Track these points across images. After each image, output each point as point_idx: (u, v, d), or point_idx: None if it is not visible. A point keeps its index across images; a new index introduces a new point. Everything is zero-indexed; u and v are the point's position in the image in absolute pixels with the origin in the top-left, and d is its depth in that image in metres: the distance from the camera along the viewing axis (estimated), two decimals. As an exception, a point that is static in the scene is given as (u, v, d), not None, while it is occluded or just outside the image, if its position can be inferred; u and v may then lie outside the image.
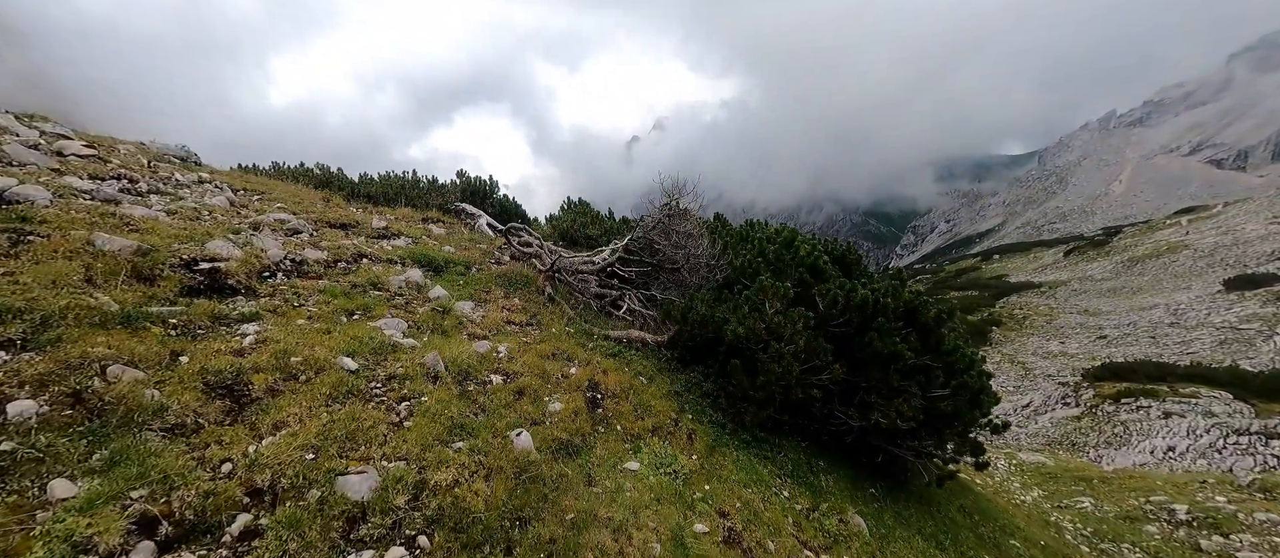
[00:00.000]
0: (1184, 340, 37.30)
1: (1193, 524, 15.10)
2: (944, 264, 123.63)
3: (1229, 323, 38.13)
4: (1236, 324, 37.52)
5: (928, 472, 6.49)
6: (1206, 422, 24.41)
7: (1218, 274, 51.12)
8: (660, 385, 6.48)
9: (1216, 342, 35.92)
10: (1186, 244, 64.68)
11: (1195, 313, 42.19)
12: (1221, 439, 23.70)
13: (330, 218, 8.54)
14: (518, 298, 8.02)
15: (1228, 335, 36.31)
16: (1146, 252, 67.52)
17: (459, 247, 9.77)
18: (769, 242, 7.51)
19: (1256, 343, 34.11)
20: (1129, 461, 23.77)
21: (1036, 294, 63.04)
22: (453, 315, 5.95)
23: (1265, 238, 59.20)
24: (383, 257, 7.33)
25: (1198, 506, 15.97)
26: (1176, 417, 24.84)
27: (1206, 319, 40.14)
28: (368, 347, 3.98)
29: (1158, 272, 59.63)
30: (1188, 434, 24.33)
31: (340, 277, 5.75)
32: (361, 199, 13.50)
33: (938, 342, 6.02)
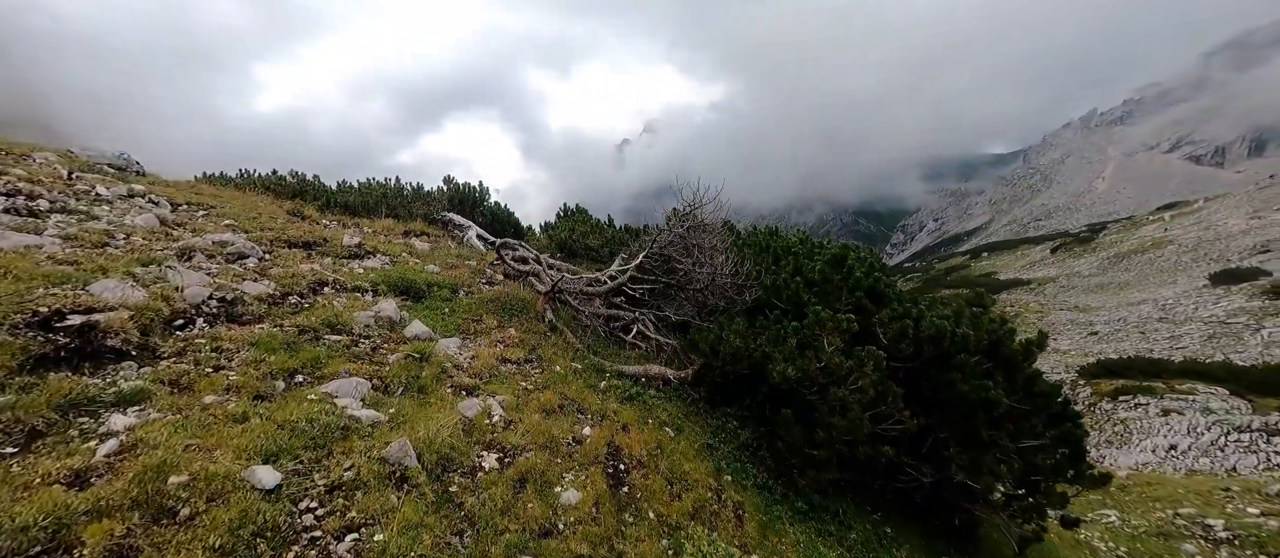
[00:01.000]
0: (1174, 335, 37.23)
1: (1234, 542, 14.12)
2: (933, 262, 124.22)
3: (1217, 317, 38.10)
4: (1224, 319, 37.48)
5: (1010, 535, 5.40)
6: (1206, 419, 23.98)
7: (1202, 269, 51.48)
8: (690, 437, 5.31)
9: (1205, 336, 35.83)
10: (1170, 240, 65.31)
11: (1183, 308, 42.23)
12: (1222, 437, 23.29)
13: (291, 236, 7.27)
14: (514, 327, 6.81)
15: (1216, 330, 36.28)
16: (1131, 247, 68.12)
17: (444, 265, 8.53)
18: (809, 256, 6.38)
19: (1244, 337, 34.09)
20: (1132, 460, 23.31)
21: (1026, 291, 63.24)
22: (434, 361, 4.73)
23: (1247, 232, 59.88)
24: (350, 284, 6.08)
25: (1234, 520, 15.04)
26: (1176, 414, 24.42)
27: (1194, 314, 40.12)
28: (305, 437, 2.77)
29: (1143, 267, 60.10)
30: (1189, 432, 23.88)
31: (287, 318, 4.50)
32: (337, 210, 12.20)
33: (1029, 380, 4.95)
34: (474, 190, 14.58)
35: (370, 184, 14.29)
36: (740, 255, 6.88)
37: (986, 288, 66.12)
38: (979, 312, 5.03)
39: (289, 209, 9.96)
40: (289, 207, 10.22)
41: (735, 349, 5.64)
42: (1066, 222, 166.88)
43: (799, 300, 6.12)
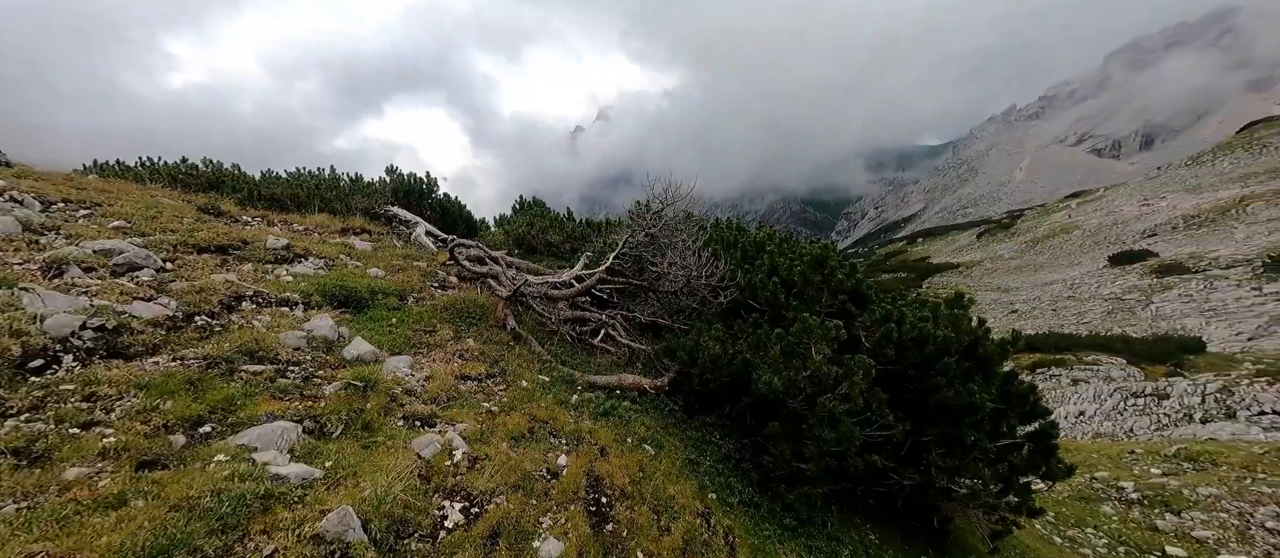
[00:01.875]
0: (1079, 312, 41.50)
1: (1144, 503, 15.52)
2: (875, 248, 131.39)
3: (1115, 295, 42.75)
4: (1120, 295, 42.13)
5: (982, 529, 5.45)
6: (1108, 386, 26.95)
7: (1103, 251, 57.38)
8: (672, 454, 4.96)
9: (1105, 312, 40.25)
10: (1076, 225, 72.28)
11: (1087, 286, 47.06)
12: (1122, 402, 26.26)
13: (202, 239, 6.21)
14: (472, 337, 6.17)
15: (1114, 306, 40.77)
16: (1045, 233, 74.89)
17: (390, 268, 7.67)
18: (783, 254, 6.14)
19: (1137, 311, 38.60)
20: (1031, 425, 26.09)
21: (956, 274, 68.32)
22: (380, 388, 4.07)
23: (1139, 218, 67.10)
24: (276, 296, 5.22)
25: (1141, 482, 16.56)
26: (1083, 383, 27.27)
27: (1097, 292, 44.82)
28: (209, 519, 2.11)
29: (1054, 251, 66.29)
30: (1094, 399, 26.72)
31: (192, 347, 3.70)
32: (262, 204, 10.82)
33: (1005, 380, 4.95)
34: (421, 182, 13.45)
35: (301, 175, 12.85)
36: (714, 254, 6.55)
37: (922, 272, 71.02)
38: (959, 313, 4.97)
39: (201, 205, 8.66)
40: (201, 201, 8.90)
41: (714, 356, 5.32)
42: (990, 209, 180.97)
43: (777, 302, 5.88)
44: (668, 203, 6.55)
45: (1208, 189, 69.26)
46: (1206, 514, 14.14)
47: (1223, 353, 29.03)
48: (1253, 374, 25.82)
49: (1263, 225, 50.82)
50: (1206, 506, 14.58)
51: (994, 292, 54.25)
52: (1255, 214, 53.88)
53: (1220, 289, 38.16)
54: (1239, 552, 12.14)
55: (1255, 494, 14.20)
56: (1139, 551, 13.18)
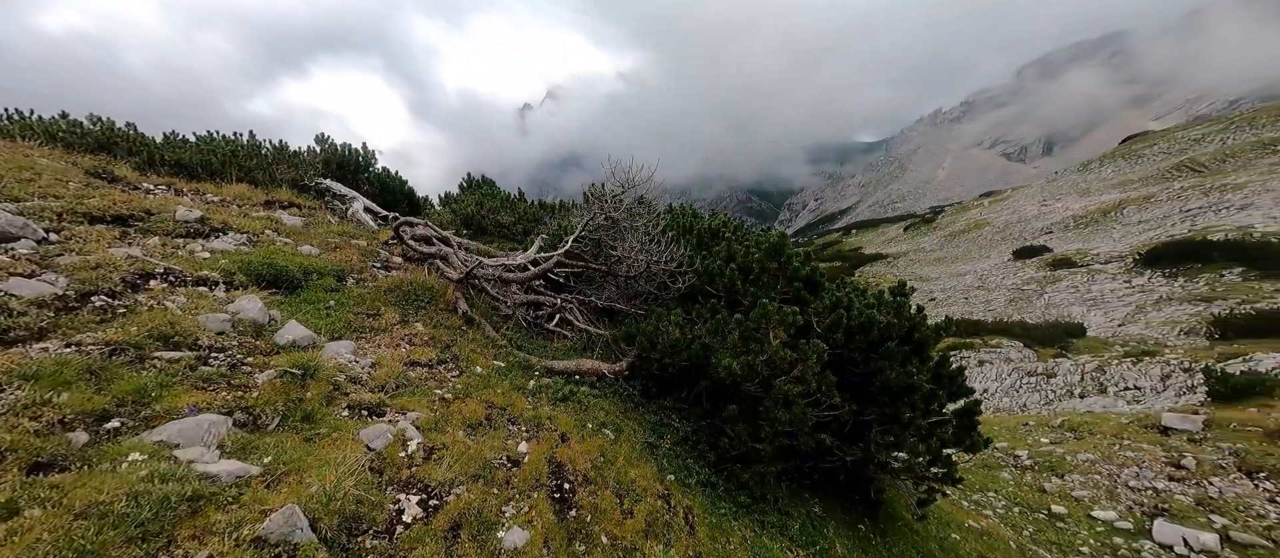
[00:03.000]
0: (987, 300, 46.38)
1: (1035, 468, 17.55)
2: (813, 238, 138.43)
3: (1016, 285, 48.09)
4: (1021, 286, 47.48)
5: (910, 498, 5.95)
6: (1008, 367, 30.54)
7: (1008, 246, 63.99)
8: (632, 438, 4.97)
9: (1008, 300, 45.32)
10: (988, 222, 79.89)
11: (994, 278, 52.54)
12: (1019, 380, 29.86)
13: (94, 207, 5.39)
14: (421, 322, 5.83)
15: (1015, 295, 45.96)
16: (961, 228, 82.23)
17: (325, 245, 7.06)
18: (740, 241, 6.27)
19: (1033, 300, 43.85)
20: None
21: (884, 264, 73.77)
22: (321, 376, 3.75)
23: (1038, 217, 75.13)
24: (191, 274, 4.64)
25: (1034, 450, 18.72)
26: (987, 364, 30.72)
27: (1001, 282, 50.17)
28: (126, 526, 1.83)
29: (969, 244, 73.09)
30: (996, 378, 30.16)
31: (90, 330, 3.21)
32: (166, 170, 9.57)
33: (940, 363, 5.37)
34: (357, 154, 12.44)
35: (214, 139, 11.46)
36: (673, 239, 6.57)
37: (855, 261, 75.93)
38: (902, 301, 5.32)
39: (90, 168, 7.52)
40: (90, 164, 7.73)
41: (674, 342, 5.37)
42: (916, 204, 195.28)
43: (734, 288, 6.01)
44: (629, 186, 6.47)
45: (1094, 193, 78.41)
46: (1084, 477, 16.21)
47: (1099, 337, 33.47)
48: (1120, 355, 29.90)
49: (1134, 226, 58.44)
50: (1084, 469, 16.70)
51: (916, 281, 58.99)
52: (1129, 217, 61.82)
53: (1099, 282, 43.73)
54: (1108, 508, 14.04)
55: (1122, 459, 16.43)
56: (1030, 510, 14.91)
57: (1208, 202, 57.55)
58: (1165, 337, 32.49)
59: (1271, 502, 12.26)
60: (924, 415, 5.09)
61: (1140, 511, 13.85)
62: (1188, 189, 63.59)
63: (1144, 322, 35.41)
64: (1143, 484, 15.14)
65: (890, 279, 63.99)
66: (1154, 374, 27.76)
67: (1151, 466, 15.95)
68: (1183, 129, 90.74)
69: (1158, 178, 72.95)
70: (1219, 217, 52.70)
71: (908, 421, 4.89)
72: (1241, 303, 32.98)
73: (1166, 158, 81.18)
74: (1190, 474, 14.49)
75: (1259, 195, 54.30)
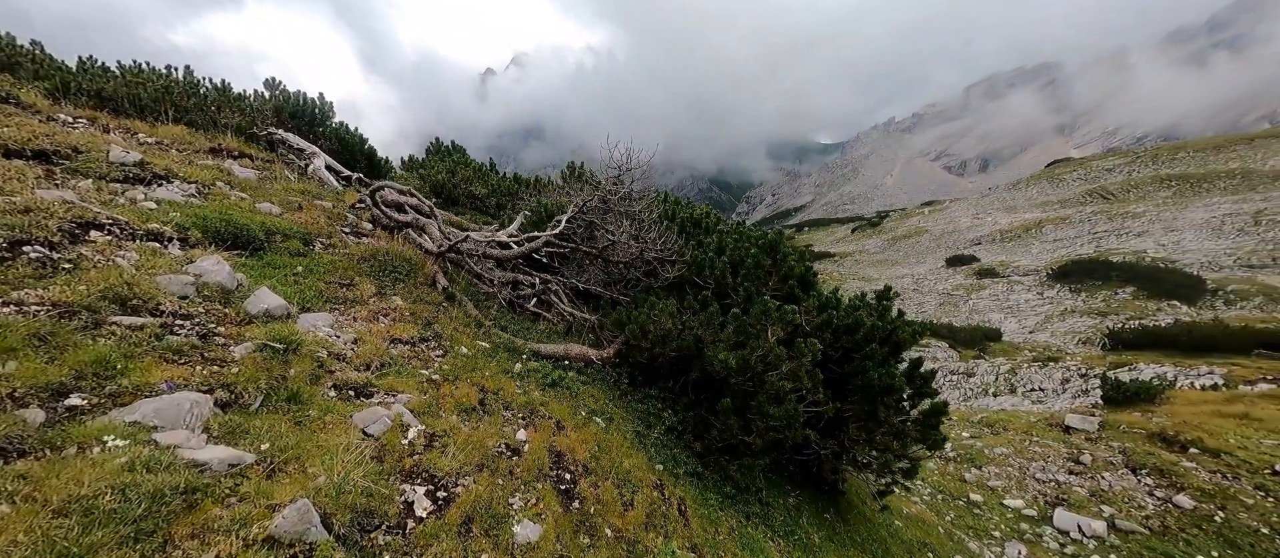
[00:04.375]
0: (920, 303, 50.06)
1: (957, 460, 19.14)
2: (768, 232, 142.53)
3: (946, 290, 52.16)
4: (950, 291, 51.56)
5: (871, 488, 6.33)
6: (933, 365, 33.26)
7: (943, 253, 68.93)
8: (622, 426, 4.94)
9: (938, 304, 49.18)
10: (927, 229, 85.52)
11: (929, 282, 56.64)
12: (943, 379, 32.57)
13: (9, 138, 4.58)
14: (399, 295, 5.47)
15: (944, 300, 49.90)
16: (903, 233, 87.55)
17: (286, 204, 6.43)
18: (736, 237, 6.30)
19: (960, 305, 47.83)
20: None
21: (831, 263, 77.53)
22: (304, 352, 3.43)
23: (970, 228, 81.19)
24: (140, 226, 4.08)
25: (956, 443, 20.40)
26: None
27: (934, 287, 54.21)
28: (115, 524, 1.58)
29: (908, 249, 78.07)
30: None
31: (28, 287, 2.74)
32: (87, 101, 8.34)
33: (914, 365, 5.69)
34: (313, 103, 11.37)
35: (143, 71, 10.08)
36: (666, 228, 6.51)
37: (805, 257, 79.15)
38: (886, 305, 5.56)
39: (-8, 90, 6.41)
40: (-9, 86, 6.59)
41: (666, 332, 5.35)
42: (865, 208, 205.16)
43: (724, 281, 6.05)
44: (625, 170, 6.31)
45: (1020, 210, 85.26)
46: (998, 468, 17.86)
47: (1012, 342, 36.92)
48: (1030, 359, 33.14)
49: (1050, 244, 64.37)
50: (999, 461, 18.39)
51: (859, 280, 62.34)
52: (1046, 234, 67.93)
53: (1016, 292, 48.07)
54: (1017, 497, 15.61)
55: (1031, 453, 18.23)
56: (952, 497, 16.28)
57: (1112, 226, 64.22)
58: (1066, 344, 36.25)
59: (1150, 494, 14.10)
60: (897, 413, 5.38)
61: (1044, 500, 15.46)
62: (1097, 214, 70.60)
63: (1050, 330, 39.34)
64: (1047, 477, 16.90)
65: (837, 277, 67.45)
66: (1056, 378, 31.01)
67: (1055, 460, 17.80)
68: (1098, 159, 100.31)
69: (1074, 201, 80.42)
70: (1120, 241, 59.03)
71: (882, 418, 5.16)
72: (1130, 319, 37.34)
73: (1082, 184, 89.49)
74: (1086, 469, 16.34)
75: (1153, 224, 61.26)
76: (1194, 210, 62.80)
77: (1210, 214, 59.45)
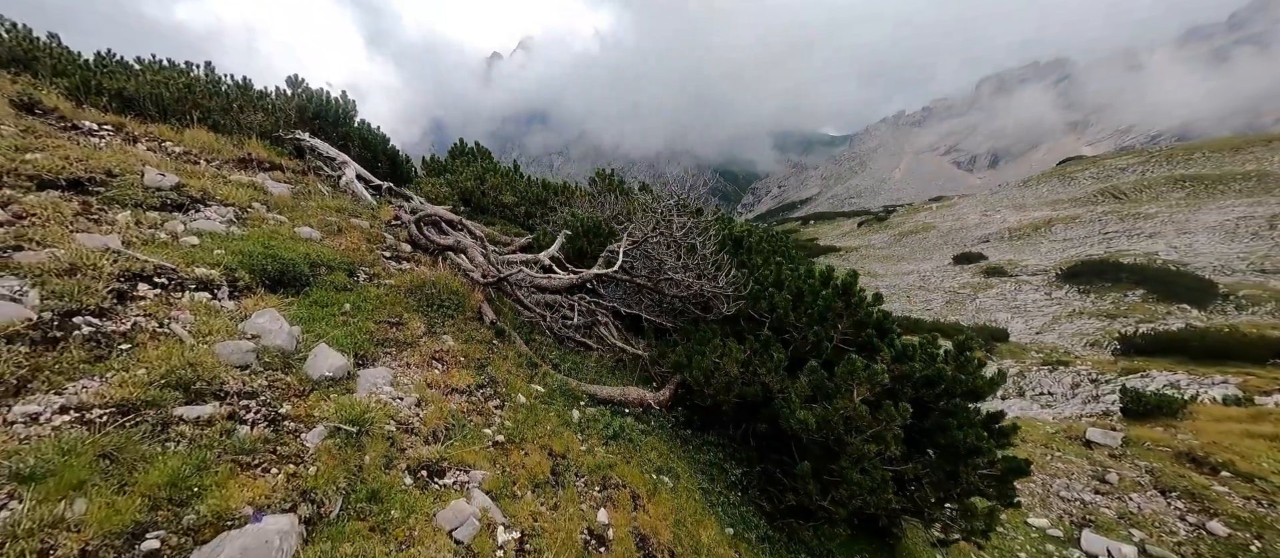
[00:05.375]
0: (927, 300, 49.60)
1: None
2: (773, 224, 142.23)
3: (953, 288, 51.65)
4: (957, 290, 51.06)
5: (930, 538, 6.05)
6: None
7: (950, 250, 68.23)
8: (688, 484, 4.64)
9: (945, 302, 48.70)
10: (934, 225, 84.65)
11: (935, 279, 56.09)
12: None
13: (41, 165, 4.21)
14: (449, 334, 5.15)
15: (952, 297, 49.42)
16: (910, 229, 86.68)
17: (324, 226, 6.08)
18: (784, 254, 5.94)
19: (967, 304, 47.37)
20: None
21: (837, 257, 76.91)
22: (376, 430, 3.12)
23: (978, 225, 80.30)
24: (187, 272, 3.74)
25: None
26: None
27: (941, 284, 53.70)
28: None
29: (915, 245, 77.32)
30: None
31: (83, 375, 2.41)
32: (109, 103, 7.92)
33: (991, 418, 5.36)
34: (336, 103, 10.93)
35: (162, 67, 9.66)
36: (727, 257, 6.14)
37: (812, 252, 78.70)
38: (967, 356, 5.22)
39: (14, 96, 6.03)
40: (12, 91, 6.21)
41: (730, 379, 5.02)
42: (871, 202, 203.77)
43: (785, 318, 5.70)
44: (687, 195, 5.93)
45: (1029, 209, 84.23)
46: (1020, 483, 17.58)
47: (1019, 343, 36.50)
48: (1038, 362, 32.77)
49: (1060, 243, 63.60)
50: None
51: (866, 276, 61.82)
52: (1056, 234, 67.09)
53: (1024, 291, 47.57)
54: (1041, 515, 15.38)
55: (1053, 468, 17.96)
56: (972, 512, 15.88)
57: (1123, 227, 63.34)
58: (1073, 346, 35.85)
59: (1182, 519, 13.87)
60: (975, 469, 5.08)
61: (1069, 520, 15.21)
62: (1108, 214, 69.64)
63: (1058, 332, 38.91)
64: (1072, 495, 16.64)
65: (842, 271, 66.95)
66: (1065, 382, 30.67)
67: (1079, 477, 17.53)
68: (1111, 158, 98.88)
69: (1084, 200, 79.35)
70: (1130, 242, 58.24)
71: (964, 478, 4.87)
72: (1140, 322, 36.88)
73: (1094, 183, 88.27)
74: (1113, 489, 16.07)
75: (1165, 226, 60.38)
76: (1207, 212, 61.88)
77: (1224, 217, 58.56)
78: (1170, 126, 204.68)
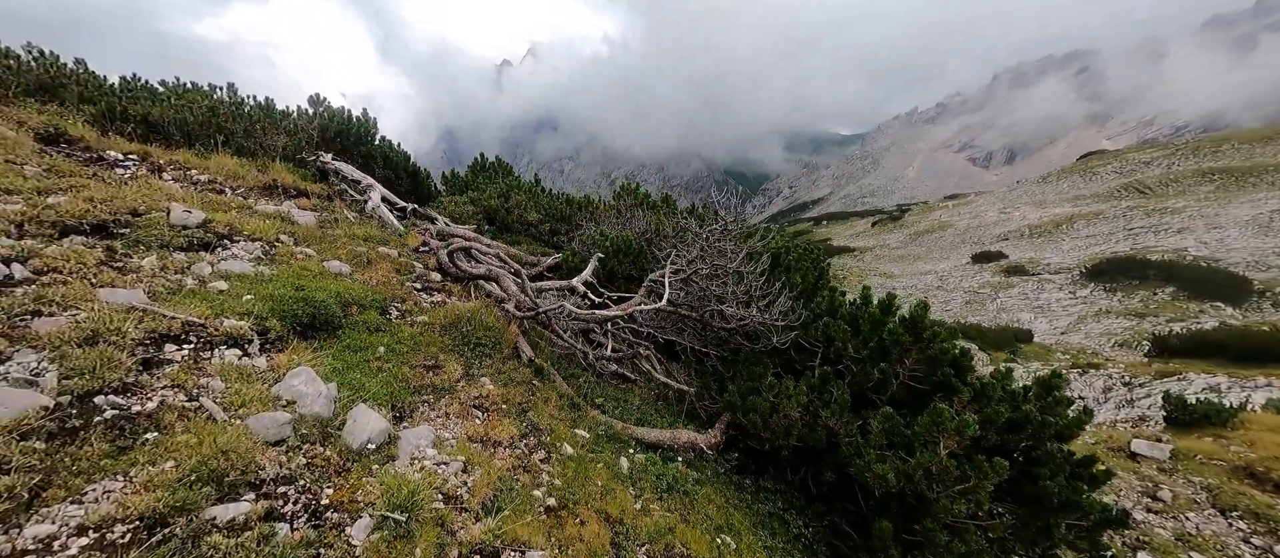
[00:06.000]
0: (946, 301, 48.27)
1: None
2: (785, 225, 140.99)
3: (973, 288, 50.24)
4: (977, 289, 49.64)
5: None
6: None
7: (968, 249, 66.58)
8: (747, 540, 4.24)
9: (965, 302, 47.31)
10: (950, 224, 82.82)
11: (953, 279, 54.65)
12: None
13: (66, 211, 3.97)
14: (487, 376, 4.82)
15: (971, 298, 48.00)
16: (925, 228, 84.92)
17: (353, 259, 5.81)
18: (866, 309, 5.50)
19: (987, 304, 45.91)
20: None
21: (851, 257, 75.58)
22: (425, 514, 2.78)
23: (997, 223, 78.33)
24: (216, 327, 3.46)
25: None
26: None
27: (960, 284, 52.30)
28: None
29: (931, 244, 75.64)
30: None
31: (103, 477, 2.10)
32: (134, 130, 7.81)
33: (1083, 463, 4.86)
34: (357, 122, 10.75)
35: (186, 90, 9.57)
36: (777, 282, 5.74)
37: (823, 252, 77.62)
38: (1056, 397, 4.74)
39: (40, 129, 5.87)
40: (38, 122, 6.05)
41: (790, 422, 4.61)
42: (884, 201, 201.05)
43: (842, 350, 5.27)
44: (734, 219, 5.55)
45: (1049, 205, 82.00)
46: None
47: (1043, 344, 35.19)
48: (1067, 365, 31.52)
49: (1083, 240, 61.65)
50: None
51: (880, 277, 60.57)
52: (1078, 230, 65.06)
53: (1047, 290, 46.07)
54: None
55: (1098, 483, 17.11)
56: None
57: (1149, 222, 61.22)
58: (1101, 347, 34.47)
59: (1246, 542, 13.05)
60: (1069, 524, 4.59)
61: (1122, 541, 14.41)
62: (1133, 209, 67.41)
63: (1083, 332, 37.45)
64: (1122, 514, 15.74)
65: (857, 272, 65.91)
66: (1097, 386, 29.47)
67: (1129, 494, 16.65)
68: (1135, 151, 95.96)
69: (1108, 196, 76.98)
70: (1158, 238, 56.19)
71: (1055, 534, 4.39)
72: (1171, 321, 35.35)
73: (1118, 177, 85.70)
74: (1167, 507, 15.21)
75: (1194, 220, 58.17)
76: (1239, 206, 59.53)
77: (1257, 210, 56.24)
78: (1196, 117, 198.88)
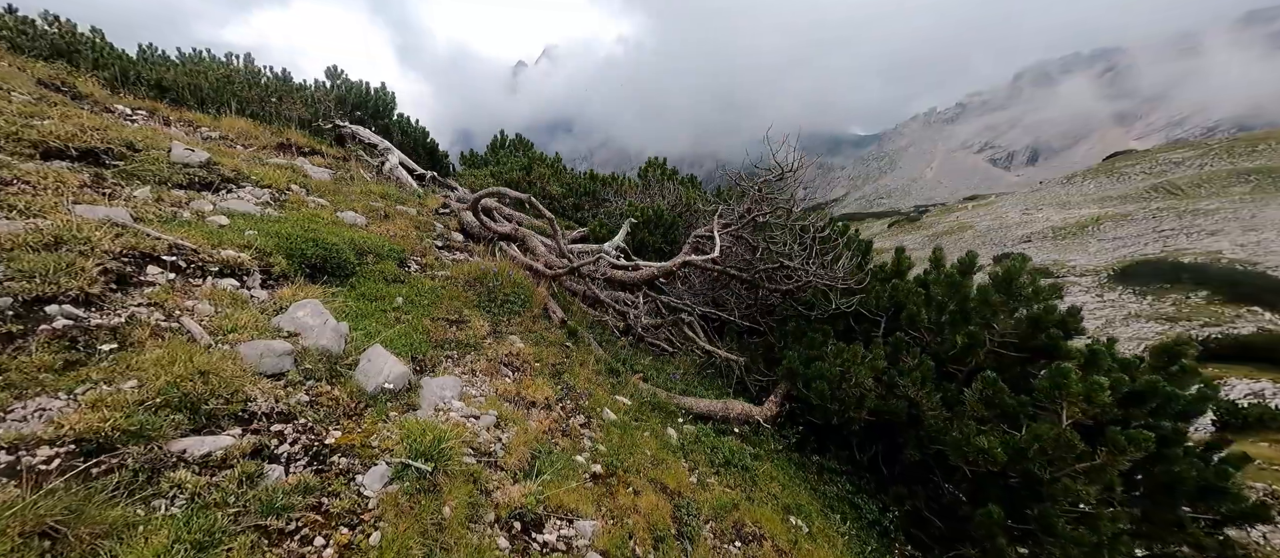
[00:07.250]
0: None
1: None
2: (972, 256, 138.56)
3: None
4: None
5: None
6: None
7: (989, 251, 64.59)
8: (819, 525, 3.62)
9: None
10: (971, 225, 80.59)
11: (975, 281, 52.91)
12: None
13: (51, 133, 3.54)
14: (517, 334, 4.27)
15: None
16: (945, 229, 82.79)
17: (369, 212, 5.32)
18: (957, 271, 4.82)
19: None
20: None
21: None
22: (454, 467, 2.22)
23: (1020, 225, 75.96)
24: (211, 254, 2.96)
25: None
26: None
27: None
28: None
29: (950, 246, 73.62)
30: None
31: (43, 391, 1.60)
32: (146, 91, 7.54)
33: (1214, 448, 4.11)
34: (377, 93, 10.36)
35: (203, 59, 9.26)
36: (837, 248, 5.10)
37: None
38: (1182, 366, 4.01)
39: (44, 77, 5.52)
40: (45, 73, 5.71)
41: (863, 392, 3.97)
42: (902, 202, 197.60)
43: (917, 317, 4.60)
44: (789, 170, 4.93)
45: (1074, 207, 79.30)
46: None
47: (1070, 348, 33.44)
48: None
49: (1110, 243, 59.27)
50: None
51: (899, 279, 58.77)
52: (1105, 232, 62.62)
53: (1073, 294, 44.24)
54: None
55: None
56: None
57: (1181, 224, 58.64)
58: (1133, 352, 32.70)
59: (1325, 553, 11.95)
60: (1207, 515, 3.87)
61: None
62: (1163, 210, 64.70)
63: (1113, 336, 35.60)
64: (1180, 520, 14.68)
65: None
66: None
67: (1186, 500, 15.52)
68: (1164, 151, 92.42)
69: (1136, 197, 74.15)
70: (1190, 240, 53.73)
71: (1187, 527, 3.69)
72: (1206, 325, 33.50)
73: (1146, 178, 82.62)
74: (1231, 515, 14.13)
75: (1228, 222, 55.51)
76: (1276, 208, 56.75)
77: (1297, 212, 53.56)
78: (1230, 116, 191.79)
